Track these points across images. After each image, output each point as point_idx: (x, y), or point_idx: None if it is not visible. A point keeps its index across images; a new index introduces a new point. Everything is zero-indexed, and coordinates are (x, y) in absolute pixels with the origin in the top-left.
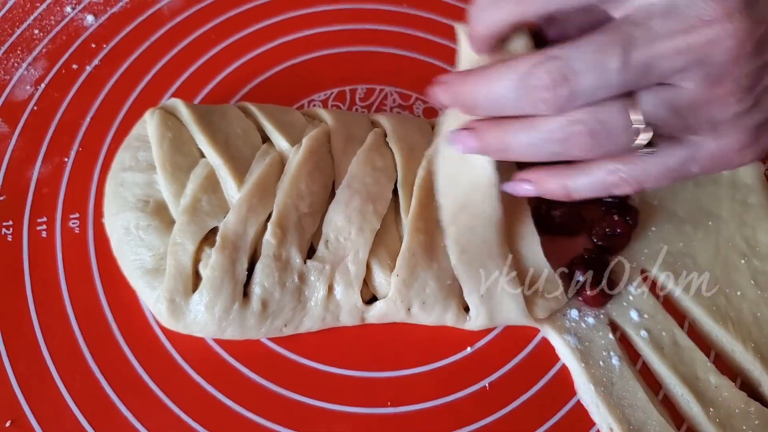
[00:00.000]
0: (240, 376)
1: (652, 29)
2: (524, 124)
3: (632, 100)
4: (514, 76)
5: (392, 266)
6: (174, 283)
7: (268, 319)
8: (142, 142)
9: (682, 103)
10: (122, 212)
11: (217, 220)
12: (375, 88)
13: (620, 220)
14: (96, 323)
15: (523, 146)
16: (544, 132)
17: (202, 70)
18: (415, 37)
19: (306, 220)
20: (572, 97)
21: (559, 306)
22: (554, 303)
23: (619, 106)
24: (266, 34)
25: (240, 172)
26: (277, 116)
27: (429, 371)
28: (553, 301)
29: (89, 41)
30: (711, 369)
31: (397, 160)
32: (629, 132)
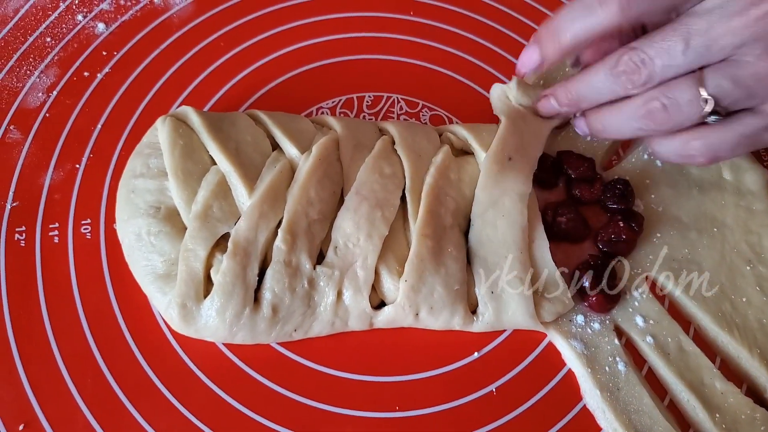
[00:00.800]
0: (250, 379)
1: (711, 16)
2: (614, 107)
3: (699, 76)
4: (606, 68)
5: (400, 272)
6: (186, 289)
7: (279, 324)
8: (154, 149)
9: (744, 75)
10: (134, 218)
11: (228, 227)
12: (382, 96)
13: (625, 226)
14: (107, 327)
15: (615, 125)
16: (629, 111)
17: (212, 78)
18: (422, 45)
19: (315, 227)
20: (650, 77)
21: (565, 310)
22: (560, 306)
23: (688, 82)
24: (275, 43)
25: (250, 179)
26: (287, 124)
27: (436, 376)
28: (559, 304)
29: (100, 49)
30: (717, 375)
31: (405, 167)
32: (696, 104)
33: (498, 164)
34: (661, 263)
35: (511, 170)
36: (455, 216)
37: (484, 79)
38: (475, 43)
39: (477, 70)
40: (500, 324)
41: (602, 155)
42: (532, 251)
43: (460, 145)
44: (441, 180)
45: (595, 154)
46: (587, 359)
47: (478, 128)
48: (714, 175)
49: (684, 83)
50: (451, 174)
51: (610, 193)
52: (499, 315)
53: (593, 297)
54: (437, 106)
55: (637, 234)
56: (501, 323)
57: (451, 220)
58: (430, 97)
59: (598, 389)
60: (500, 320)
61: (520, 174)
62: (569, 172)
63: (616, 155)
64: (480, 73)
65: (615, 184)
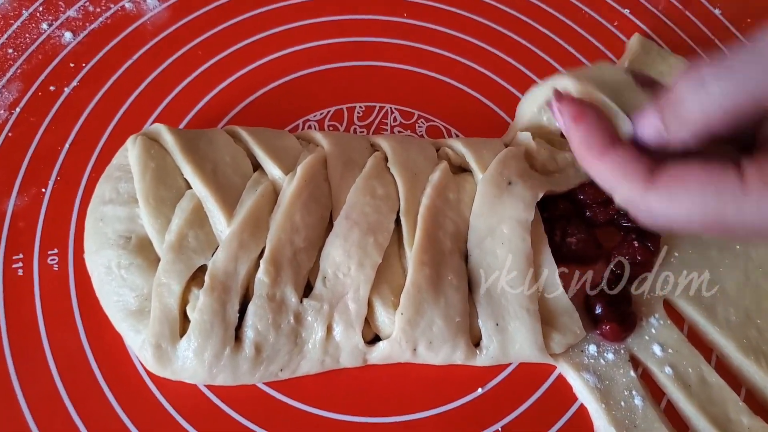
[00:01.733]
0: (234, 423)
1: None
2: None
3: None
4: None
5: (396, 303)
6: (160, 328)
7: (263, 364)
8: (124, 172)
9: None
10: (102, 250)
11: (204, 258)
12: (374, 106)
13: (640, 246)
14: (77, 369)
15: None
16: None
17: (189, 90)
18: (417, 49)
19: (301, 256)
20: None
21: (576, 340)
22: (571, 337)
23: None
24: (257, 50)
25: (229, 204)
26: (270, 141)
27: (437, 415)
28: (570, 335)
29: (67, 60)
30: (743, 409)
31: (399, 187)
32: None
33: (496, 188)
34: (680, 285)
35: (510, 196)
36: (455, 240)
37: (486, 86)
38: (476, 47)
39: (478, 76)
40: (506, 358)
41: None
42: (539, 278)
43: (459, 161)
44: (439, 200)
45: None
46: (601, 393)
47: (478, 145)
48: None
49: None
50: (450, 194)
51: (624, 210)
52: (505, 348)
53: (606, 326)
54: (434, 117)
55: (653, 254)
56: (507, 357)
57: (450, 245)
58: (427, 106)
59: (613, 426)
60: (506, 354)
61: (520, 202)
62: (587, 208)
63: None
64: (482, 80)
65: None
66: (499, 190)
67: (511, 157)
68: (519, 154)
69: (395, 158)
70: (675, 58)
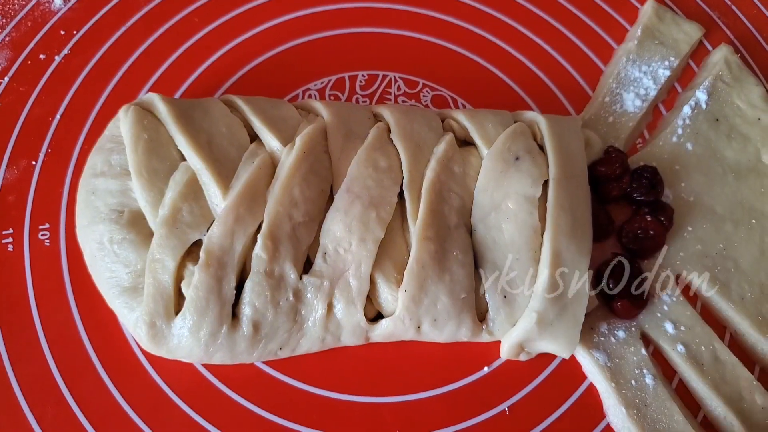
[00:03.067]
0: (232, 404)
1: None
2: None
3: None
4: None
5: (399, 280)
6: (154, 305)
7: (261, 342)
8: (116, 143)
9: None
10: (94, 224)
11: (200, 233)
12: (377, 75)
13: (653, 220)
14: (70, 347)
15: None
16: None
17: (184, 59)
18: (422, 15)
19: (301, 231)
20: None
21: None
22: None
23: None
24: (255, 17)
25: (225, 177)
26: (267, 111)
27: (442, 395)
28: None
29: (58, 28)
30: (757, 387)
31: (403, 159)
32: None
33: (503, 163)
34: (693, 261)
35: (517, 171)
36: (461, 215)
37: (494, 54)
38: (484, 13)
39: (487, 43)
40: (513, 327)
41: (626, 138)
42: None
43: (464, 134)
44: (443, 173)
45: (618, 137)
46: (611, 372)
47: (483, 117)
48: (752, 158)
49: None
50: (455, 167)
51: (637, 183)
52: (512, 319)
53: (618, 302)
54: (440, 86)
55: (666, 229)
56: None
57: (456, 220)
58: (432, 75)
59: (623, 406)
60: (514, 322)
61: (528, 177)
62: (600, 183)
63: (641, 137)
64: (490, 48)
65: (642, 173)
66: (506, 165)
67: (520, 132)
68: (527, 131)
69: (398, 129)
70: (689, 24)
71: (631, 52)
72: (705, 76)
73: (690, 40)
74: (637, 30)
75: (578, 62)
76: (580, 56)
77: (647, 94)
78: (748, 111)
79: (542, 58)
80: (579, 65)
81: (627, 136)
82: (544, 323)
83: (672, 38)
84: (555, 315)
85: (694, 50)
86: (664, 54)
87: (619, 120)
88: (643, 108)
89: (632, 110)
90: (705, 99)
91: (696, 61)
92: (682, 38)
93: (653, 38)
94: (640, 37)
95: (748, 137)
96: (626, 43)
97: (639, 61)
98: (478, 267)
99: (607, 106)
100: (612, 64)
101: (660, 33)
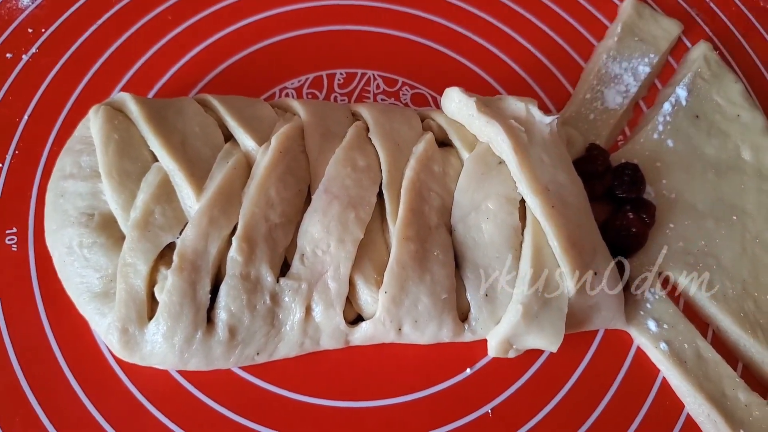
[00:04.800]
0: (209, 411)
1: None
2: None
3: None
4: None
5: (379, 281)
6: (126, 311)
7: (237, 348)
8: (86, 144)
9: None
10: (63, 228)
11: (173, 235)
12: (356, 73)
13: (635, 218)
14: (39, 356)
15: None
16: None
17: (158, 57)
18: (402, 13)
19: (277, 232)
20: None
21: None
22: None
23: None
24: (231, 14)
25: (199, 178)
26: (243, 110)
27: (424, 398)
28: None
29: (25, 26)
30: (740, 385)
31: (382, 158)
32: None
33: (484, 166)
34: (675, 258)
35: (499, 174)
36: (441, 214)
37: (474, 52)
38: (463, 11)
39: (466, 41)
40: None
41: (607, 135)
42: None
43: (444, 136)
44: (423, 173)
45: (599, 134)
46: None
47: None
48: (732, 155)
49: None
50: (435, 166)
51: (618, 180)
52: (495, 317)
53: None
54: (420, 84)
55: (648, 226)
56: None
57: (436, 220)
58: (412, 73)
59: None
60: (497, 321)
61: (510, 180)
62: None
63: (622, 135)
64: (470, 45)
65: (623, 170)
66: (487, 168)
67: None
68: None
69: (377, 128)
70: (668, 20)
71: (612, 49)
72: (684, 73)
73: (669, 37)
74: (616, 27)
75: (559, 60)
76: (561, 54)
77: (628, 90)
78: (727, 108)
79: (523, 56)
80: (559, 63)
81: (608, 133)
82: (529, 316)
83: (651, 35)
84: (539, 307)
85: (674, 47)
86: (643, 51)
87: (600, 117)
88: (624, 105)
89: (613, 107)
90: (685, 96)
91: (675, 57)
92: (661, 35)
93: (633, 35)
94: (619, 33)
95: (727, 134)
96: (606, 40)
97: (619, 58)
98: (459, 267)
99: (588, 104)
100: (592, 61)
101: (639, 30)
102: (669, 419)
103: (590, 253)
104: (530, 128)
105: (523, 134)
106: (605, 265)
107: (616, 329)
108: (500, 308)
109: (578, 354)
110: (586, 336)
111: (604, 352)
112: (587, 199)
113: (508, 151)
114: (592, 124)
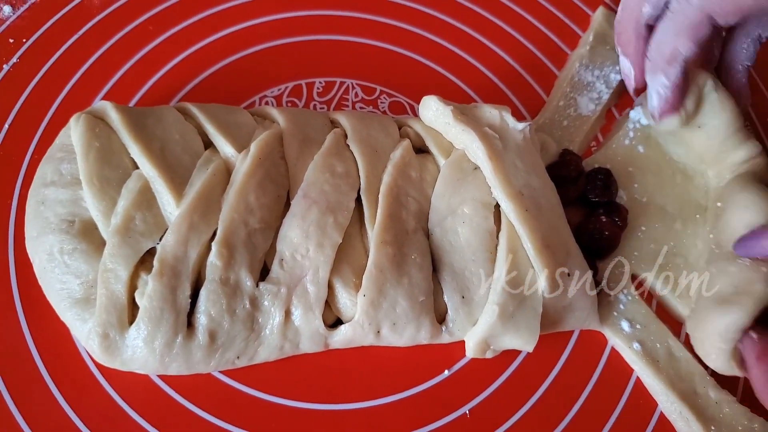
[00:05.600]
0: (190, 415)
1: None
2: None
3: None
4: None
5: (358, 285)
6: (107, 316)
7: (218, 352)
8: (67, 152)
9: None
10: (44, 235)
11: (153, 241)
12: (335, 81)
13: (608, 221)
14: (19, 363)
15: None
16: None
17: (139, 67)
18: (380, 23)
19: (257, 237)
20: None
21: None
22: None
23: None
24: (211, 24)
25: (179, 184)
26: (222, 117)
27: (402, 400)
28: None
29: (6, 36)
30: (710, 383)
31: (360, 164)
32: None
33: (460, 172)
34: (647, 259)
35: (475, 179)
36: (418, 219)
37: (451, 61)
38: (440, 21)
39: (443, 51)
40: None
41: (580, 141)
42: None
43: (421, 143)
44: (400, 179)
45: (573, 140)
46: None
47: None
48: (696, 160)
49: None
50: (412, 172)
51: (591, 184)
52: (472, 318)
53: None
54: (398, 93)
55: (621, 229)
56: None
57: (414, 224)
58: (390, 82)
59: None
60: (474, 323)
61: (485, 185)
62: (558, 186)
63: (595, 140)
64: (447, 55)
65: (596, 175)
66: (463, 174)
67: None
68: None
69: (355, 135)
70: None
71: (584, 57)
72: None
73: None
74: (589, 36)
75: (533, 68)
76: (535, 62)
77: (600, 97)
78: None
79: (498, 65)
80: (534, 71)
81: (581, 139)
82: (505, 316)
83: None
84: (515, 308)
85: None
86: (615, 59)
87: (574, 124)
88: (596, 111)
89: (586, 114)
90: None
91: None
92: None
93: (605, 43)
94: (591, 42)
95: (689, 143)
96: (579, 49)
97: (592, 66)
98: (436, 270)
99: (562, 110)
100: (566, 69)
101: (611, 38)
102: (643, 417)
103: (563, 254)
104: (504, 135)
105: (497, 141)
106: (578, 266)
107: (591, 330)
108: (477, 310)
109: (554, 355)
110: (562, 337)
111: (579, 352)
112: (560, 203)
113: (482, 157)
114: (565, 131)
